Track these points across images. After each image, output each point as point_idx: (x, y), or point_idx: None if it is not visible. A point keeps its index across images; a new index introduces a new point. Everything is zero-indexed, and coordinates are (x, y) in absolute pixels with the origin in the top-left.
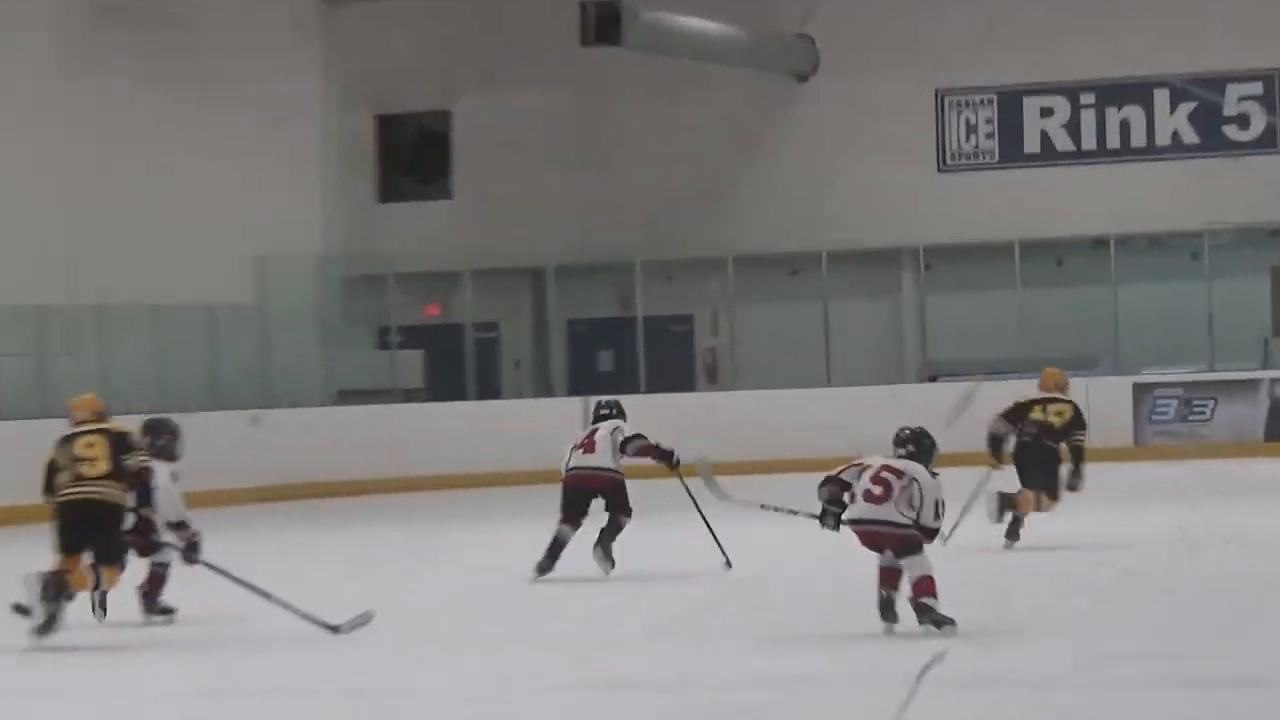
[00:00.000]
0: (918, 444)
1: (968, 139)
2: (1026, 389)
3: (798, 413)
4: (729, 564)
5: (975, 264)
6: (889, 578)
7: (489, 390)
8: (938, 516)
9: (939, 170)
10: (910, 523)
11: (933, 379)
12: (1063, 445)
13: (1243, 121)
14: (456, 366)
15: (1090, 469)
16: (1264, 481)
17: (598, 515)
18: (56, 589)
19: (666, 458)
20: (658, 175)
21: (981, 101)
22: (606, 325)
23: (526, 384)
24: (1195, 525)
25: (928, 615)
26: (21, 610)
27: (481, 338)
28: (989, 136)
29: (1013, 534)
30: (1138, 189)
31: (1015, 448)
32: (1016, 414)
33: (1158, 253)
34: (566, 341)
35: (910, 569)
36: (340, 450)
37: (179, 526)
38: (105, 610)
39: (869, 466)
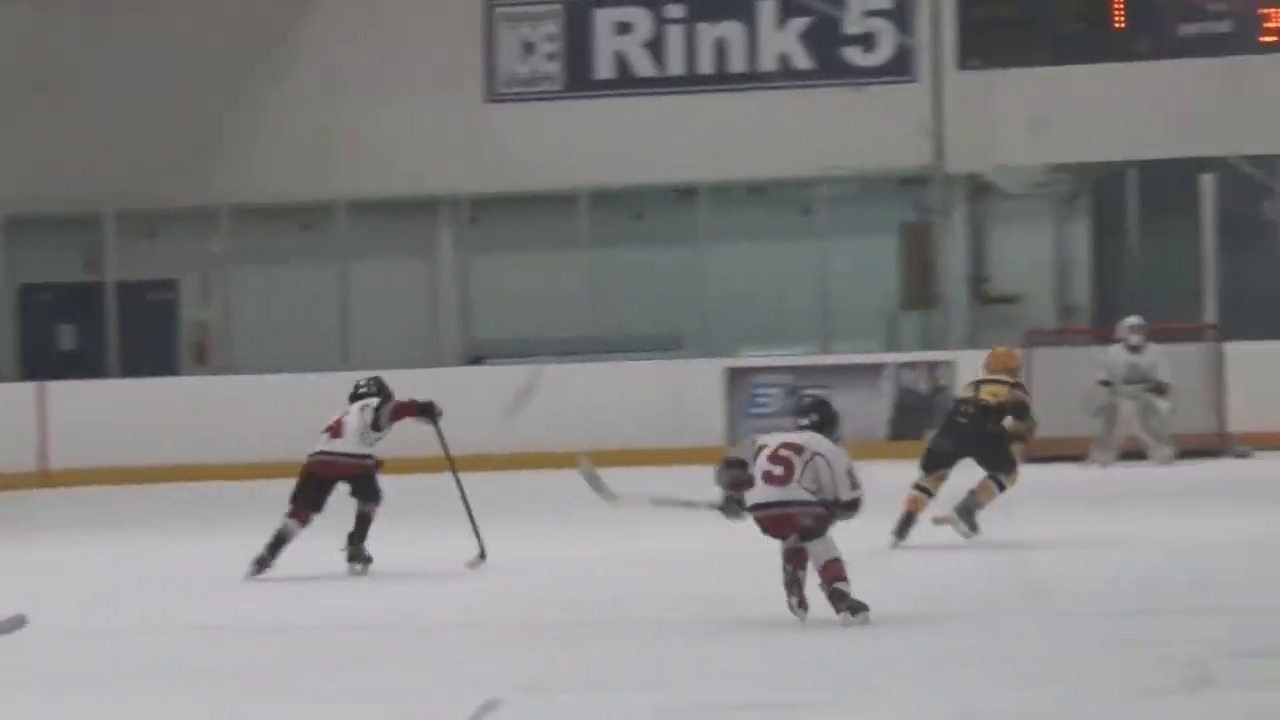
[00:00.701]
0: (821, 413)
1: (524, 62)
2: (599, 374)
3: (309, 404)
4: (483, 555)
5: (532, 217)
6: (796, 557)
7: None
8: (854, 486)
9: (486, 100)
10: (816, 501)
11: (478, 361)
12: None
13: (868, 42)
14: None
15: (659, 474)
16: (887, 493)
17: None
18: None
19: (428, 411)
20: (133, 105)
21: (542, 14)
22: (69, 292)
23: None
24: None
25: (843, 602)
26: None
27: None
28: (551, 58)
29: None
30: (735, 125)
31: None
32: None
33: (759, 205)
34: (17, 312)
35: (815, 554)
36: None
37: None
38: None
39: (765, 446)
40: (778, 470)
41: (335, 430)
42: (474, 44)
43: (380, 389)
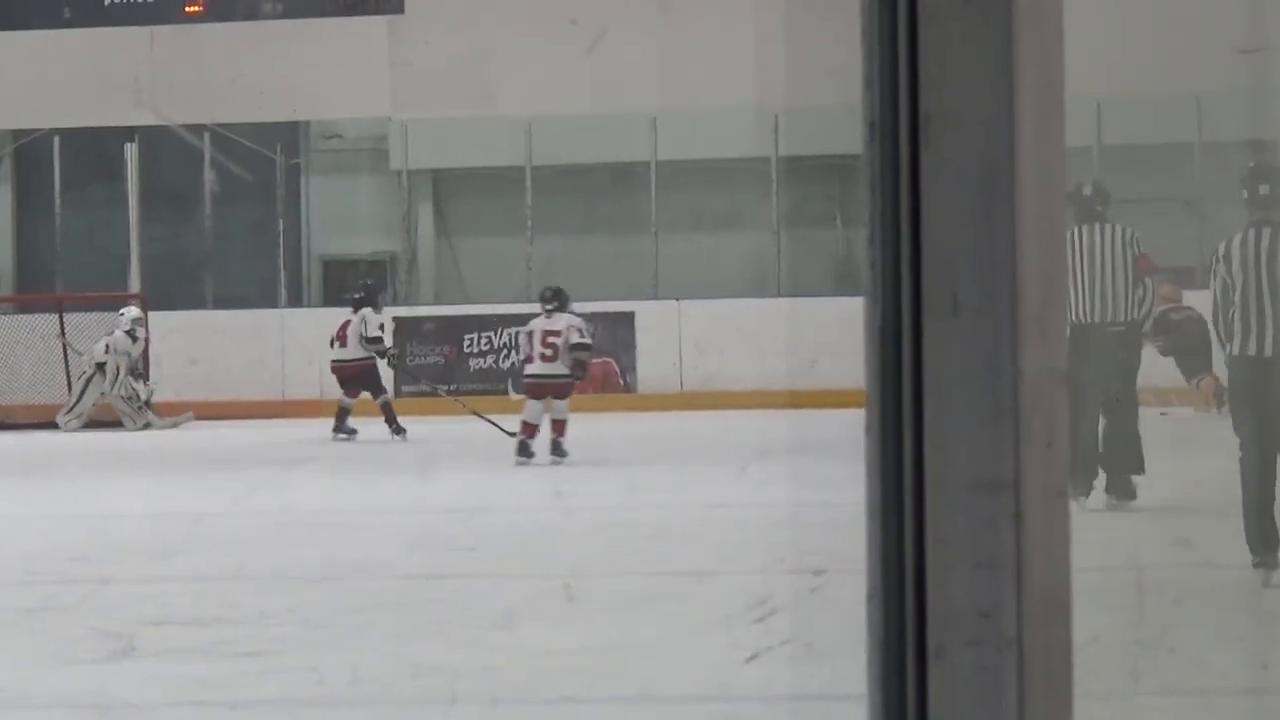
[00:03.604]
0: (559, 298)
1: None
2: None
3: None
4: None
5: None
6: (529, 430)
7: None
8: (583, 335)
9: None
10: (569, 373)
11: None
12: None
13: None
14: None
15: None
16: None
17: None
18: None
19: (377, 343)
20: None
21: None
22: None
23: None
24: None
25: (560, 449)
26: None
27: None
28: None
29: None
30: None
31: None
32: None
33: None
34: None
35: (558, 411)
36: None
37: None
38: None
39: (534, 331)
40: (549, 352)
41: (342, 340)
42: None
43: (368, 300)
